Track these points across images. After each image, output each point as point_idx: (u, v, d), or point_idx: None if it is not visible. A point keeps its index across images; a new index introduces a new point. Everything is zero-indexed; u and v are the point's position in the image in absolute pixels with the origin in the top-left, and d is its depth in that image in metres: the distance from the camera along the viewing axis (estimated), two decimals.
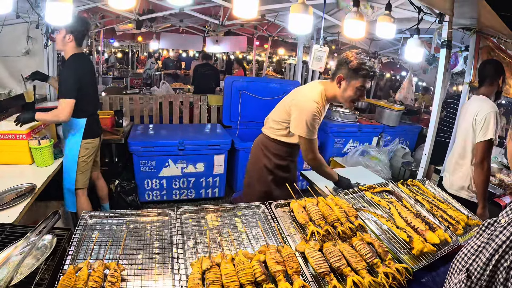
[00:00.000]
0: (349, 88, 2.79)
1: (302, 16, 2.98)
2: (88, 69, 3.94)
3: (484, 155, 3.27)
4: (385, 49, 8.68)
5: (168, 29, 10.90)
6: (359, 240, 2.04)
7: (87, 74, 3.85)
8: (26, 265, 1.70)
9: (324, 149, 6.41)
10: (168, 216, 2.32)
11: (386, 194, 2.82)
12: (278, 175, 3.25)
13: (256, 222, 2.34)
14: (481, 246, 1.18)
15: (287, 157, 3.25)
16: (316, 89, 2.96)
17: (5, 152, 3.66)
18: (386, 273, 1.79)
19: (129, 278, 1.76)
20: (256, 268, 1.74)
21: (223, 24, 7.10)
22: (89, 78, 3.88)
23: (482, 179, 3.30)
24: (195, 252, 1.99)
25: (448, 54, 3.72)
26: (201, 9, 6.74)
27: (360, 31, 3.34)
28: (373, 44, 8.22)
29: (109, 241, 2.01)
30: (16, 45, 5.29)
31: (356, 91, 2.78)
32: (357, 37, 3.55)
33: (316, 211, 2.26)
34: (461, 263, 1.25)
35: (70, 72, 3.69)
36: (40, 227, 1.96)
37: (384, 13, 3.53)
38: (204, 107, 6.65)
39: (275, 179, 3.25)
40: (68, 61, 3.72)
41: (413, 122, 7.76)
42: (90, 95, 3.92)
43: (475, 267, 1.15)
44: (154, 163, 5.18)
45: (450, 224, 2.42)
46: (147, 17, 6.90)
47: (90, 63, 4.11)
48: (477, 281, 1.14)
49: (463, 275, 1.18)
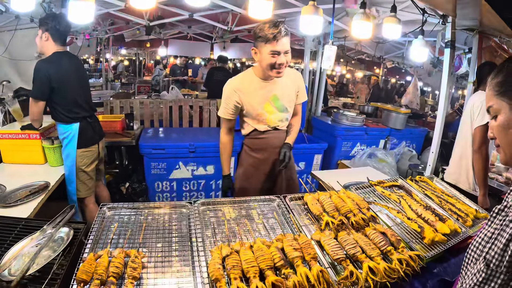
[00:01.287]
0: (262, 57, 2.77)
1: (312, 18, 3.07)
2: (70, 68, 3.63)
3: (482, 140, 3.31)
4: (390, 53, 8.72)
5: (176, 36, 10.97)
6: (372, 229, 2.10)
7: (67, 74, 3.58)
8: (43, 257, 1.73)
9: (332, 152, 6.43)
10: (185, 208, 2.38)
11: (396, 188, 2.86)
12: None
13: (272, 213, 2.41)
14: (495, 233, 1.15)
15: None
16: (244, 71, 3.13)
17: (19, 152, 3.75)
18: (400, 260, 1.84)
19: (149, 265, 1.80)
20: (274, 254, 1.79)
21: (232, 30, 7.17)
22: (71, 78, 3.63)
23: (481, 165, 3.35)
24: (214, 240, 2.05)
25: (452, 54, 3.80)
26: (209, 15, 6.84)
27: (367, 31, 3.41)
28: (378, 48, 8.27)
29: (128, 231, 2.07)
30: (29, 49, 5.38)
31: (270, 58, 2.72)
32: (365, 38, 3.62)
33: (330, 203, 2.33)
34: (476, 252, 1.22)
35: (39, 70, 3.43)
36: (56, 220, 2.00)
37: (390, 14, 3.61)
38: (213, 111, 6.70)
39: None
40: (48, 57, 3.52)
41: (419, 125, 7.78)
42: (75, 97, 3.67)
43: (492, 255, 1.12)
44: (165, 165, 5.22)
45: (459, 217, 2.46)
46: (157, 22, 7.00)
47: (74, 63, 3.75)
48: (496, 268, 1.10)
49: (481, 264, 1.15)
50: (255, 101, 2.97)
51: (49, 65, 3.45)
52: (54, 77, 3.44)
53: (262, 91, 2.96)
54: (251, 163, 3.23)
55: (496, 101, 1.30)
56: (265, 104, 2.99)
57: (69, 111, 3.63)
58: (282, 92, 3.03)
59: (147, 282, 1.70)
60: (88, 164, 3.85)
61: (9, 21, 5.30)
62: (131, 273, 1.65)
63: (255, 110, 3.00)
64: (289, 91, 3.08)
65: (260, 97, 2.97)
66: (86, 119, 3.78)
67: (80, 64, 3.97)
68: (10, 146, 3.73)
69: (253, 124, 3.08)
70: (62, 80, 3.51)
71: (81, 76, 3.86)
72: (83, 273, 1.59)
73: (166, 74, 13.95)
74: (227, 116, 3.05)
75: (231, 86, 2.96)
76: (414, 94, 8.96)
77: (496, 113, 1.32)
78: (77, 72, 3.75)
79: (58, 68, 3.49)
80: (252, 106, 2.98)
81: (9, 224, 2.07)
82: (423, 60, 4.57)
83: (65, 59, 3.61)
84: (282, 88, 3.02)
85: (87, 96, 3.89)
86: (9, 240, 1.90)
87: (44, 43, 3.54)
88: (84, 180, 3.86)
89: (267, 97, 2.98)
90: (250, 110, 3.00)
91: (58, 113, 3.62)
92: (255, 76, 2.97)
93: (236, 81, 3.00)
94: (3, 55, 5.34)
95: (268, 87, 2.97)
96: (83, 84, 3.86)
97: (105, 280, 1.61)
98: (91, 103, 3.96)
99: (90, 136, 3.84)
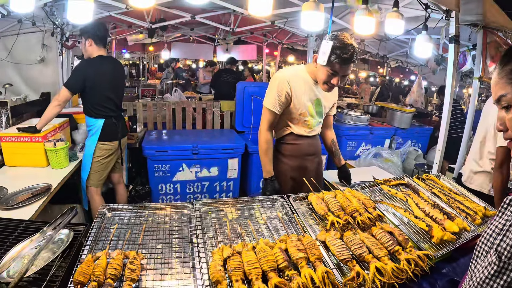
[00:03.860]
0: (321, 70, 2.66)
1: (313, 13, 3.05)
2: (108, 72, 4.00)
3: (504, 159, 3.22)
4: (393, 52, 8.67)
5: (179, 39, 10.97)
6: (379, 229, 2.05)
7: (103, 76, 3.94)
8: (42, 258, 1.69)
9: None
10: (186, 209, 2.34)
11: (402, 187, 2.81)
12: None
13: (275, 214, 2.35)
14: (507, 225, 1.10)
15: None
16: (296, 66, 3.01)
17: (21, 155, 3.73)
18: (408, 260, 1.79)
19: (148, 267, 1.76)
20: (278, 255, 1.74)
21: (234, 30, 7.15)
22: (105, 80, 3.97)
23: (500, 184, 3.24)
24: (215, 242, 2.00)
25: (456, 49, 3.77)
26: (211, 17, 6.83)
27: (370, 27, 3.38)
28: (381, 47, 8.24)
29: (128, 232, 2.03)
30: (31, 53, 5.48)
31: (327, 75, 2.63)
32: (367, 33, 3.59)
33: (335, 203, 2.27)
34: (487, 245, 1.17)
35: (81, 67, 3.93)
36: (57, 222, 1.96)
37: (393, 10, 3.58)
38: (217, 112, 6.69)
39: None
40: (91, 59, 3.92)
41: (425, 124, 7.74)
42: (104, 98, 4.02)
43: (503, 247, 1.07)
44: (168, 167, 5.21)
45: (468, 215, 2.40)
46: (159, 25, 7.00)
47: (113, 67, 4.13)
48: (509, 260, 1.05)
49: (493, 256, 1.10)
50: (303, 98, 2.87)
51: (89, 66, 3.90)
52: (89, 78, 3.84)
53: (310, 91, 2.88)
54: (282, 169, 3.10)
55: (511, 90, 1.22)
56: (309, 105, 2.91)
57: (96, 108, 4.00)
58: (324, 99, 2.98)
59: (146, 284, 1.66)
60: (104, 156, 4.13)
61: (11, 26, 5.33)
62: (130, 275, 1.59)
63: (300, 109, 2.89)
64: (329, 100, 3.05)
65: (307, 96, 2.88)
66: (112, 118, 4.12)
67: (119, 69, 4.37)
68: (12, 149, 3.70)
69: (292, 125, 2.98)
70: (95, 81, 3.88)
71: (116, 80, 4.22)
72: (80, 275, 1.55)
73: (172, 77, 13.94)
74: (275, 108, 2.85)
75: (284, 77, 2.81)
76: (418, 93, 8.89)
77: (510, 103, 1.24)
78: (113, 76, 4.11)
79: (97, 70, 3.90)
80: (299, 103, 2.87)
81: (10, 226, 2.03)
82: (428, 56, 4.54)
83: (106, 63, 4.02)
84: (326, 95, 2.95)
85: (117, 98, 4.23)
86: (9, 242, 1.86)
87: (89, 48, 3.91)
88: (98, 170, 4.13)
89: (312, 98, 2.91)
90: (295, 106, 2.88)
91: (87, 108, 4.02)
92: (307, 74, 2.87)
93: (289, 73, 2.87)
94: (6, 59, 5.39)
95: (315, 89, 2.89)
96: (116, 87, 4.20)
97: (103, 282, 1.56)
98: (119, 104, 4.33)
99: (112, 132, 4.16)
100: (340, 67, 2.56)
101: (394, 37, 6.67)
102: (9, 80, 5.29)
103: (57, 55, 5.58)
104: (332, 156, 3.34)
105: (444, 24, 4.14)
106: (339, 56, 2.50)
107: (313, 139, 3.08)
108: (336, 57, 2.51)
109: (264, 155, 2.98)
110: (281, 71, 2.93)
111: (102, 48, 3.98)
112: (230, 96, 7.70)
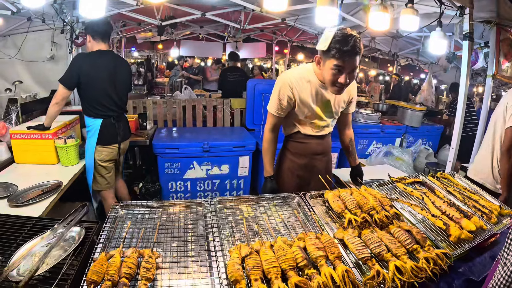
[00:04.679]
0: (326, 69, 2.48)
1: (328, 9, 3.02)
2: (106, 67, 3.82)
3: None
4: (404, 50, 8.59)
5: (188, 36, 10.96)
6: (396, 227, 2.02)
7: (100, 72, 3.76)
8: (53, 256, 1.68)
9: None
10: (201, 206, 2.32)
11: (417, 185, 2.79)
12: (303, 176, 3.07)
13: (292, 211, 2.34)
14: None
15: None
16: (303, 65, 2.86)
17: (32, 152, 3.74)
18: (427, 258, 1.77)
19: (164, 265, 1.73)
20: (297, 254, 1.72)
21: (244, 28, 7.12)
22: (102, 76, 3.78)
23: (508, 167, 3.24)
24: (232, 240, 1.98)
25: (470, 46, 3.73)
26: (221, 14, 6.83)
27: (385, 23, 3.35)
28: (393, 45, 8.17)
29: (141, 230, 2.00)
30: (41, 51, 5.54)
31: (333, 73, 2.44)
32: (382, 29, 3.57)
33: (352, 200, 2.25)
34: None
35: (75, 61, 3.72)
36: (68, 219, 1.95)
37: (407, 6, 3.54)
38: (227, 110, 6.67)
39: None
40: (88, 53, 3.83)
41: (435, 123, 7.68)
42: (101, 96, 3.81)
43: None
44: (179, 164, 5.20)
45: (484, 214, 2.38)
46: (169, 22, 6.98)
47: (115, 64, 3.94)
48: None
49: None
50: (307, 101, 2.76)
51: (85, 59, 3.73)
52: (84, 72, 3.65)
53: (317, 93, 2.75)
54: (289, 167, 3.06)
55: None
56: (316, 107, 2.80)
57: (93, 106, 3.80)
58: (335, 99, 2.83)
59: (162, 284, 1.64)
60: (105, 160, 3.97)
61: (21, 24, 5.37)
62: (145, 274, 1.57)
63: (305, 111, 2.81)
64: (342, 98, 2.89)
65: (313, 98, 2.76)
66: (110, 118, 3.91)
67: (123, 66, 4.12)
68: (22, 146, 3.71)
69: (298, 125, 2.92)
70: (91, 76, 3.70)
71: (118, 76, 3.96)
72: (94, 274, 1.52)
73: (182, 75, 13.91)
74: (276, 112, 2.81)
75: (287, 80, 2.71)
76: (429, 92, 8.86)
77: None
78: (114, 72, 3.90)
79: (93, 64, 3.72)
80: (303, 106, 2.78)
81: (20, 223, 2.02)
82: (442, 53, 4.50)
83: (105, 57, 3.85)
84: (336, 95, 2.79)
85: (118, 97, 3.98)
86: (19, 239, 1.85)
87: (88, 44, 3.83)
88: (103, 173, 4.01)
89: (319, 100, 2.79)
90: (300, 110, 2.80)
91: (84, 106, 3.86)
92: (314, 75, 2.72)
93: (293, 75, 2.73)
94: (16, 57, 5.44)
95: (323, 91, 2.74)
96: (117, 84, 3.95)
97: (117, 282, 1.53)
98: (121, 104, 4.06)
99: (111, 135, 3.96)
100: (344, 60, 2.37)
101: (407, 34, 6.61)
102: (19, 78, 5.35)
103: (67, 52, 5.58)
104: (348, 156, 3.27)
105: (458, 21, 4.10)
106: (340, 49, 2.32)
107: (322, 139, 3.01)
108: (337, 50, 2.34)
109: (264, 154, 2.98)
110: (285, 73, 2.83)
111: (102, 43, 3.82)
112: (237, 95, 7.60)
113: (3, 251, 1.77)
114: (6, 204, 2.77)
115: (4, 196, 2.88)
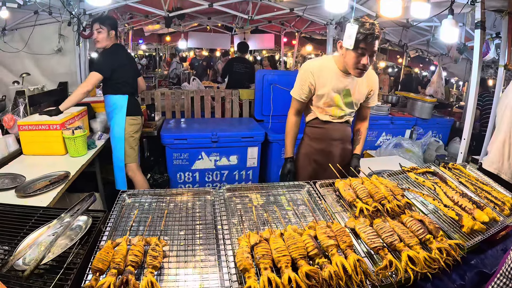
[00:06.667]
0: (348, 54, 2.68)
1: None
2: (126, 56, 4.31)
3: None
4: (414, 41, 8.51)
5: (196, 28, 10.92)
6: (408, 217, 1.99)
7: (124, 59, 4.22)
8: (59, 245, 1.66)
9: None
10: (209, 194, 2.30)
11: (429, 175, 2.75)
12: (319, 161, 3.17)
13: (302, 200, 2.31)
14: None
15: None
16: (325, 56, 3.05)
17: (39, 143, 3.74)
18: (440, 249, 1.73)
19: (171, 254, 1.71)
20: (308, 242, 1.68)
21: (252, 18, 7.06)
22: (126, 63, 4.23)
23: None
24: (241, 228, 1.95)
25: (482, 35, 3.69)
26: (229, 5, 6.78)
27: (397, 9, 3.31)
28: (403, 35, 8.09)
29: (148, 218, 1.98)
30: (49, 44, 5.56)
31: (355, 56, 2.64)
32: (394, 16, 3.53)
33: (363, 189, 2.22)
34: None
35: (109, 53, 4.12)
36: (75, 209, 1.93)
37: None
38: (235, 101, 6.61)
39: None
40: (111, 47, 4.14)
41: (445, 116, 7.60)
42: (126, 78, 4.24)
43: None
44: (187, 155, 5.19)
45: (496, 205, 2.33)
46: (177, 13, 6.94)
47: (128, 53, 4.52)
48: None
49: None
50: (327, 89, 2.91)
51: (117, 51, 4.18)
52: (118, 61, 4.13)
53: (337, 82, 2.90)
54: (306, 152, 3.20)
55: None
56: (336, 95, 2.93)
57: (123, 85, 4.21)
58: (355, 89, 2.96)
59: (169, 272, 1.61)
60: (135, 131, 4.37)
61: (28, 17, 5.38)
62: (151, 262, 1.54)
63: (324, 99, 2.95)
64: (362, 89, 3.01)
65: (334, 87, 2.90)
66: (133, 95, 4.38)
67: (130, 55, 4.83)
68: (30, 138, 3.70)
69: (317, 112, 3.05)
70: (121, 63, 4.15)
71: (131, 63, 4.49)
72: (99, 262, 1.50)
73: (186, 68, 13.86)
74: (298, 96, 3.01)
75: (309, 68, 2.91)
76: (438, 84, 8.74)
77: None
78: (129, 59, 4.41)
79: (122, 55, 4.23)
80: (323, 94, 2.93)
81: (26, 213, 2.00)
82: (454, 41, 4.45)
83: (124, 49, 4.46)
84: (357, 85, 2.95)
85: (134, 79, 4.47)
86: (26, 229, 1.84)
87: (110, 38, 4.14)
88: (133, 145, 4.37)
89: (340, 89, 2.92)
90: (319, 97, 2.96)
91: (112, 87, 4.19)
92: (334, 64, 2.90)
93: (315, 64, 2.94)
94: (24, 50, 5.47)
95: (344, 80, 2.90)
96: (133, 69, 4.47)
97: (123, 269, 1.51)
98: (135, 86, 4.52)
99: (137, 107, 4.43)
100: (366, 43, 2.57)
101: (418, 23, 6.52)
102: (26, 70, 5.36)
103: (74, 45, 5.58)
104: (352, 143, 3.33)
105: (469, 9, 4.04)
106: (363, 33, 2.54)
107: (340, 125, 3.10)
108: (361, 34, 2.55)
109: (286, 136, 3.17)
110: (308, 62, 2.99)
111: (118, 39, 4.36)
112: (242, 86, 7.51)
113: (9, 241, 1.76)
114: (14, 194, 2.76)
115: (12, 187, 2.87)
